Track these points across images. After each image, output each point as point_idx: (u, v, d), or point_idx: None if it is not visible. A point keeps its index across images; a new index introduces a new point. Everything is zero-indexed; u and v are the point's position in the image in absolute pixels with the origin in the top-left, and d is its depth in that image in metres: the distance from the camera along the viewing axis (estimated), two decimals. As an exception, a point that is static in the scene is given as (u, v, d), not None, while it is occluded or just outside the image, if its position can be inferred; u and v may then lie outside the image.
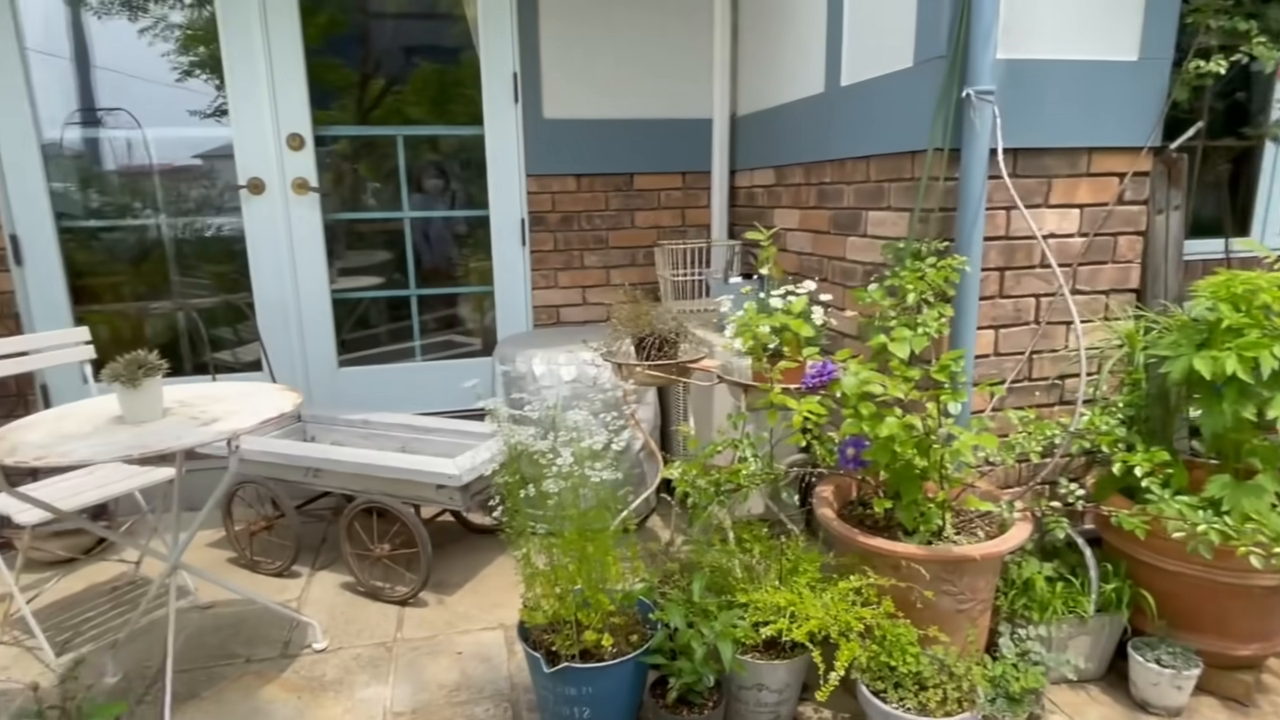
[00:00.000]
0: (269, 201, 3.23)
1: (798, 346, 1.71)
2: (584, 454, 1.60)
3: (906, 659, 1.63)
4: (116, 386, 1.79)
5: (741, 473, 1.90)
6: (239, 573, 2.78)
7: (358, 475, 2.54)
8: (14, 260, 3.08)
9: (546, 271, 3.47)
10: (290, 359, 3.38)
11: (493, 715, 1.98)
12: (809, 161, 2.64)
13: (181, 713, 2.03)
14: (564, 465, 1.57)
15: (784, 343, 1.69)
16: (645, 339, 2.37)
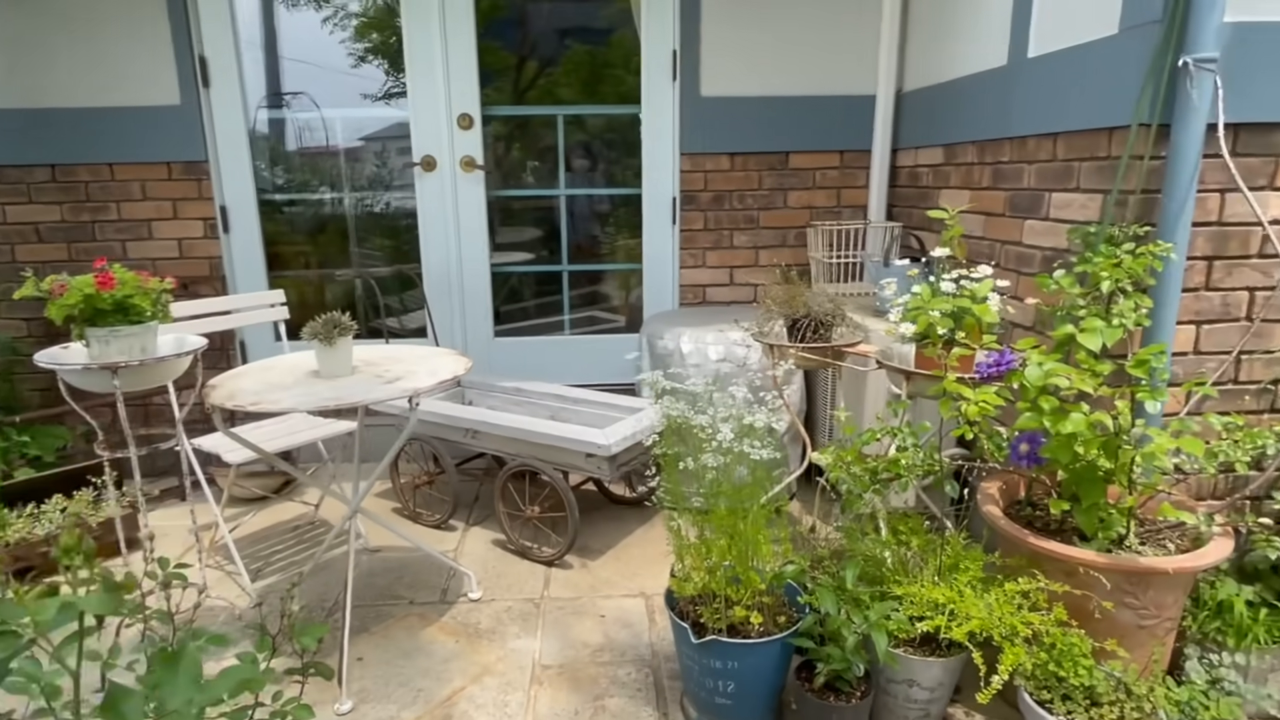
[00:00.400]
0: (439, 178, 3.40)
1: (978, 333, 1.61)
2: (745, 431, 1.58)
3: (1079, 671, 1.52)
4: (315, 344, 1.94)
5: (901, 462, 1.82)
6: (402, 522, 2.98)
7: (513, 439, 2.65)
8: (222, 229, 3.41)
9: (695, 250, 3.45)
10: (451, 327, 3.56)
11: (634, 679, 2.02)
12: (984, 139, 2.47)
13: (355, 643, 2.20)
14: (724, 441, 1.56)
15: (964, 328, 1.59)
16: (799, 320, 2.31)
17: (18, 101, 3.19)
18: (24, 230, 3.36)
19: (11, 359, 3.30)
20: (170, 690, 0.85)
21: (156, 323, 1.78)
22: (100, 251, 3.38)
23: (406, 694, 1.99)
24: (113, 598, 0.80)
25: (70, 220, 3.35)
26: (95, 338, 1.69)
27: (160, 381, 1.83)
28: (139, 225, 3.38)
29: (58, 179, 3.30)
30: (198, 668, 0.88)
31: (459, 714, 1.91)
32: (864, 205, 3.35)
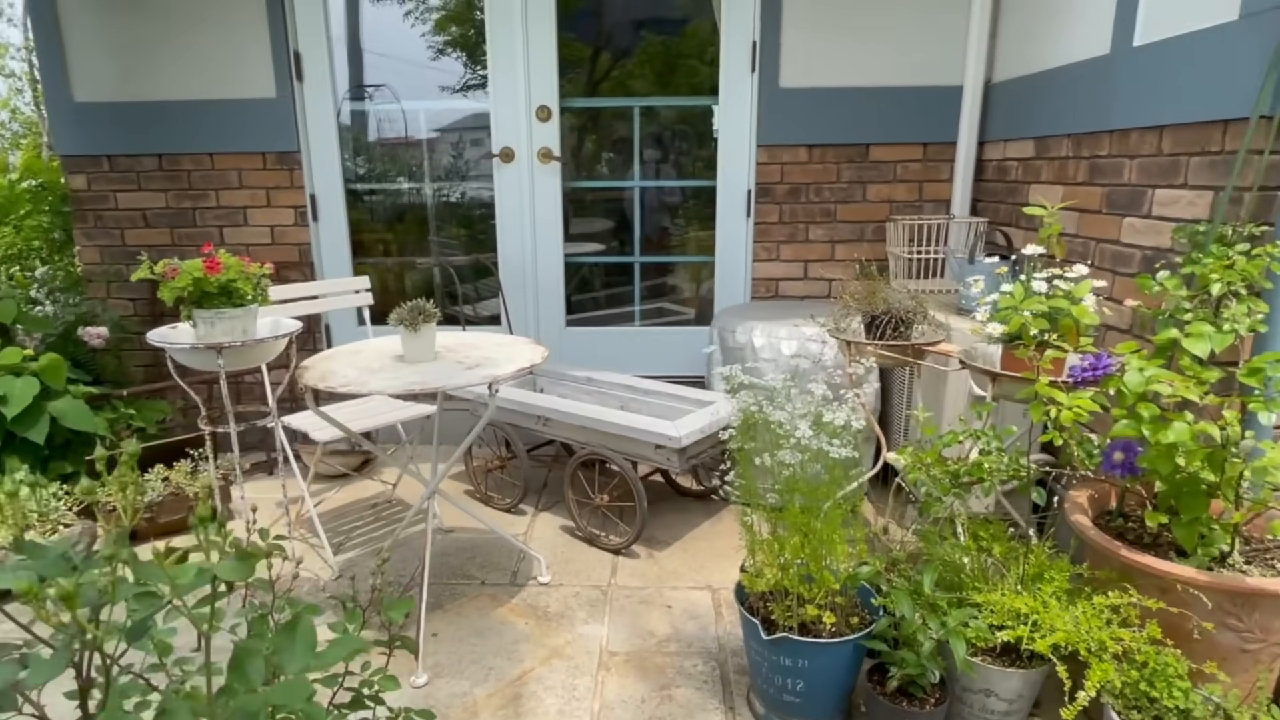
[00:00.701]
0: (517, 169, 3.44)
1: (1075, 335, 1.53)
2: (827, 429, 1.55)
3: (1173, 692, 1.43)
4: (400, 329, 1.99)
5: (984, 466, 1.75)
6: (474, 505, 3.04)
7: (584, 428, 2.66)
8: (312, 217, 3.54)
9: (769, 244, 3.40)
10: (524, 316, 3.61)
11: (701, 671, 2.01)
12: (1081, 132, 2.35)
13: (429, 620, 2.26)
14: (802, 438, 1.53)
15: (1060, 330, 1.52)
16: (878, 317, 2.25)
17: (130, 96, 3.37)
18: (133, 215, 3.55)
19: (120, 337, 3.50)
20: (288, 656, 0.90)
21: (256, 305, 1.85)
22: (200, 237, 3.55)
23: (479, 671, 2.03)
24: (245, 565, 0.85)
25: (174, 207, 3.53)
26: (201, 319, 1.77)
27: (258, 362, 1.91)
28: (235, 212, 3.53)
29: (164, 168, 3.48)
30: (313, 635, 0.93)
31: (529, 694, 1.94)
32: (947, 200, 3.23)
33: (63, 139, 3.47)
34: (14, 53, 6.00)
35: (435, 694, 1.94)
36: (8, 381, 2.59)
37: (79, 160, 3.48)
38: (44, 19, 3.32)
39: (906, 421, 2.80)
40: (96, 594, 0.82)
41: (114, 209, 3.54)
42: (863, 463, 2.78)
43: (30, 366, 2.68)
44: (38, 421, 2.63)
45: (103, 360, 3.35)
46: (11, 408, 2.54)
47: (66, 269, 3.99)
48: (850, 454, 1.60)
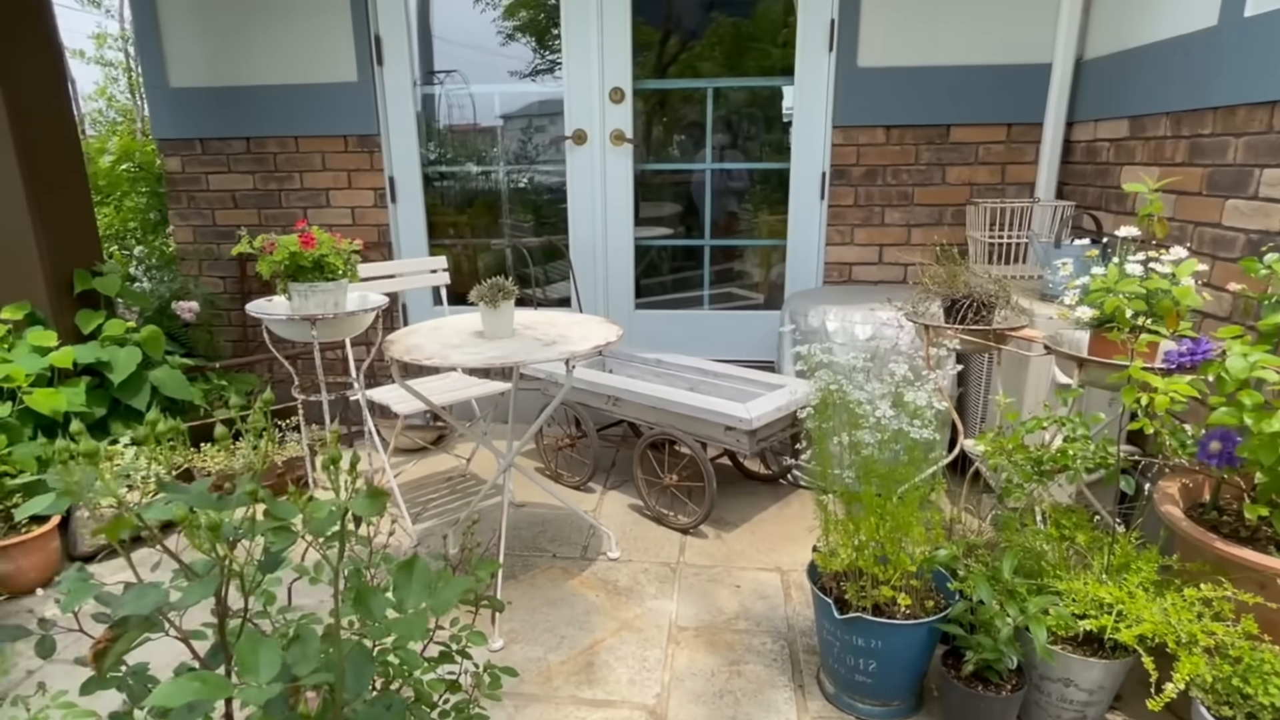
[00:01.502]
0: (589, 151, 3.49)
1: (1174, 318, 1.49)
2: (908, 409, 1.55)
3: (1269, 689, 1.40)
4: (480, 305, 2.06)
5: (1069, 453, 1.72)
6: (544, 482, 3.12)
7: (654, 408, 2.71)
8: (390, 199, 3.66)
9: (843, 227, 3.37)
10: (594, 298, 3.67)
11: (770, 649, 2.04)
12: (1181, 110, 2.26)
13: (504, 589, 2.35)
14: (882, 418, 1.54)
15: (1158, 311, 1.48)
16: (959, 301, 2.22)
17: (221, 81, 3.54)
18: (223, 197, 3.74)
19: (211, 312, 3.70)
20: (406, 593, 0.96)
21: (347, 280, 1.95)
22: (285, 218, 3.72)
23: (551, 639, 2.10)
24: (375, 502, 0.91)
25: (260, 188, 3.70)
26: (296, 292, 1.88)
27: (348, 334, 2.01)
28: (318, 194, 3.68)
29: (251, 150, 3.65)
30: (429, 575, 0.99)
31: (600, 663, 2.00)
32: (1031, 183, 3.15)
33: (159, 123, 3.67)
34: (111, 42, 6.34)
35: (510, 658, 2.02)
36: (113, 350, 2.78)
37: (174, 143, 3.68)
38: (143, 8, 3.51)
39: (985, 408, 2.76)
40: (235, 529, 0.90)
41: (205, 190, 3.74)
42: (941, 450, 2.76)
43: (133, 338, 2.86)
44: (140, 389, 2.81)
45: (194, 334, 3.56)
46: (117, 374, 2.73)
47: (161, 248, 4.24)
48: (931, 435, 1.60)
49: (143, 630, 0.94)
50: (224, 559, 0.88)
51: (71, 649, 1.74)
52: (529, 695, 1.88)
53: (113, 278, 2.96)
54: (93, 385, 2.76)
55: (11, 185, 2.70)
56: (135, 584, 0.94)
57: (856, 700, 1.78)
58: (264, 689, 0.82)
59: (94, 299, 2.98)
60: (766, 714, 1.81)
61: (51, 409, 2.43)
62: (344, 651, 0.90)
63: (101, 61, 6.52)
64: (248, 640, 0.83)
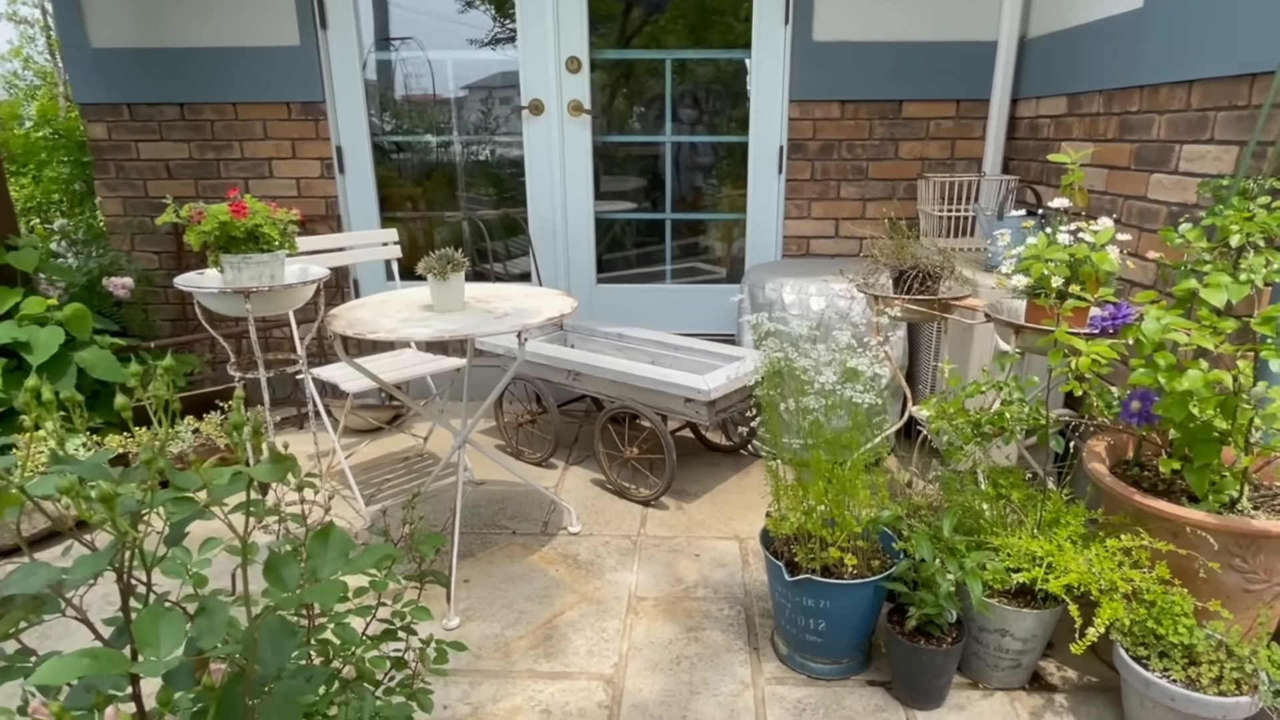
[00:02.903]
0: (546, 122, 3.56)
1: (1095, 283, 1.66)
2: (848, 374, 1.69)
3: (1178, 629, 1.59)
4: (429, 278, 2.15)
5: (1006, 416, 1.89)
6: (505, 459, 3.22)
7: (614, 382, 2.83)
8: (338, 169, 3.69)
9: (800, 201, 3.52)
10: (555, 272, 3.76)
11: (728, 615, 2.19)
12: (1112, 88, 2.44)
13: (461, 567, 2.45)
14: (826, 384, 1.68)
15: (1081, 277, 1.64)
16: (906, 272, 2.38)
17: (149, 42, 3.50)
18: (155, 166, 3.72)
19: (146, 289, 3.69)
20: (321, 560, 0.99)
21: (284, 252, 2.01)
22: (224, 189, 3.71)
23: (510, 614, 2.22)
24: (279, 468, 0.91)
25: (197, 158, 3.69)
26: (229, 264, 1.93)
27: (286, 308, 2.07)
28: (260, 164, 3.69)
29: (186, 117, 3.63)
30: (346, 543, 1.02)
31: (559, 635, 2.13)
32: (979, 158, 3.32)
33: (80, 86, 3.62)
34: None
35: (467, 635, 2.13)
36: (32, 331, 2.77)
37: (98, 109, 3.63)
38: (61, -38, 3.45)
39: (934, 376, 2.94)
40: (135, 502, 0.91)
41: (135, 159, 3.71)
42: (890, 416, 2.93)
43: (55, 316, 2.86)
44: (65, 372, 2.81)
45: (129, 313, 3.55)
46: (37, 356, 2.72)
47: (88, 222, 4.18)
48: (872, 400, 1.75)
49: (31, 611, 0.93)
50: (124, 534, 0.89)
51: None
52: (485, 671, 2.00)
53: (29, 252, 2.94)
54: (10, 368, 2.76)
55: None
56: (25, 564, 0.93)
57: (808, 660, 1.94)
58: (162, 663, 0.81)
59: (9, 275, 2.96)
60: (722, 677, 1.95)
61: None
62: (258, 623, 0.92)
63: (15, 19, 6.32)
64: (148, 614, 0.85)
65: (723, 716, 1.82)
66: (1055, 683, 1.89)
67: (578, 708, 1.86)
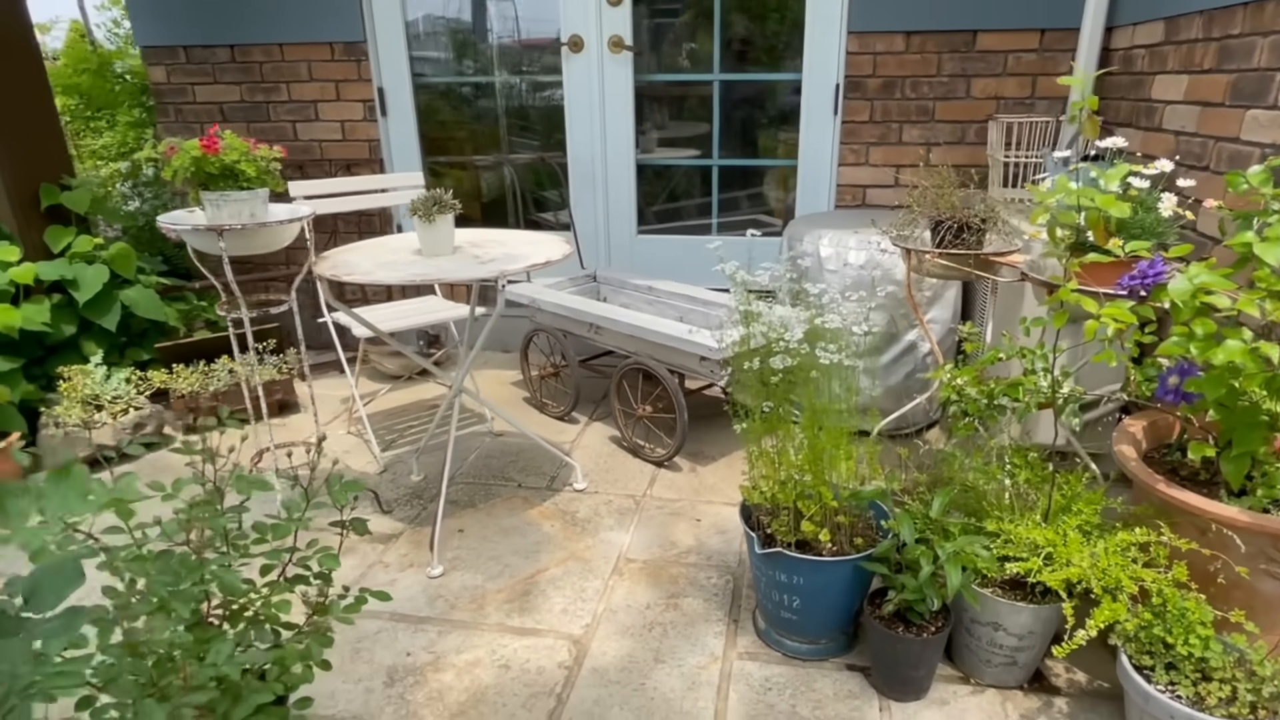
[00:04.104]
0: (586, 60, 3.47)
1: (1104, 233, 1.45)
2: (818, 333, 1.56)
3: (1191, 640, 1.40)
4: (415, 221, 2.13)
5: (1021, 387, 1.71)
6: (529, 411, 3.23)
7: (629, 336, 2.76)
8: (380, 111, 3.73)
9: (857, 146, 3.30)
10: (595, 221, 3.70)
11: (714, 584, 2.12)
12: (1214, 7, 2.12)
13: (460, 516, 2.48)
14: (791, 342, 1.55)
15: (1088, 223, 1.44)
16: (942, 223, 2.19)
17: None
18: (210, 110, 3.87)
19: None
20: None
21: (266, 190, 2.03)
22: (273, 132, 3.83)
23: (495, 567, 2.22)
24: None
25: (248, 100, 3.81)
26: (209, 201, 1.97)
27: (266, 248, 2.10)
28: (306, 106, 3.77)
29: (236, 59, 3.75)
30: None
31: (538, 592, 2.11)
32: (1064, 98, 3.00)
33: (141, 29, 3.79)
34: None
35: (448, 584, 2.15)
36: (80, 268, 2.96)
37: (157, 51, 3.80)
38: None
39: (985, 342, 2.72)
40: None
41: (192, 102, 3.87)
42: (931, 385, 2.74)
43: (101, 255, 3.04)
44: (109, 309, 3.00)
45: (185, 254, 3.74)
46: (83, 293, 2.91)
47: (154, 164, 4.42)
48: (851, 363, 1.61)
49: None
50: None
51: None
52: (456, 622, 2.01)
53: (82, 193, 3.12)
54: (61, 304, 2.96)
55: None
56: None
57: (784, 637, 1.85)
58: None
59: (65, 215, 3.16)
60: (692, 647, 1.89)
61: (5, 325, 2.62)
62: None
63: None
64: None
65: (681, 689, 1.76)
66: (1059, 685, 1.73)
67: (537, 665, 1.85)
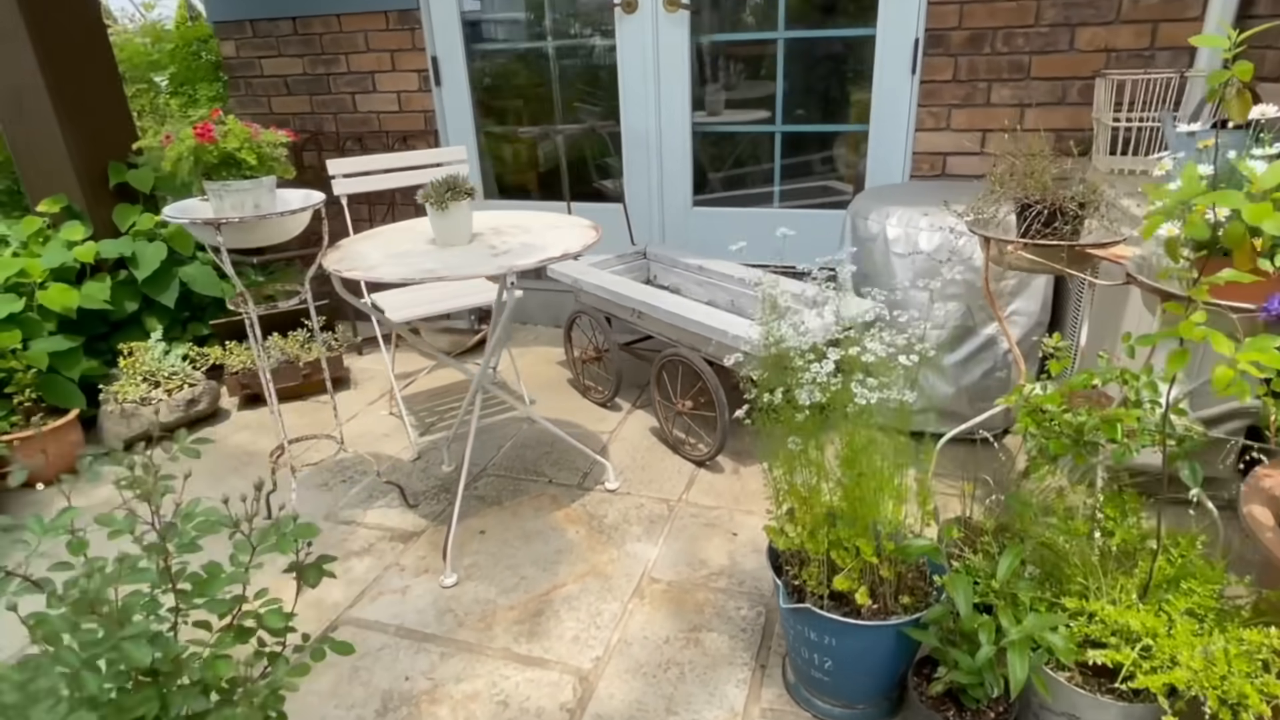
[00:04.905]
0: (640, 20, 3.07)
1: (1249, 252, 1.01)
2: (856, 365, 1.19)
3: (1343, 789, 1.00)
4: (428, 209, 1.84)
5: (1121, 423, 1.29)
6: (571, 396, 2.95)
7: (671, 325, 2.42)
8: (434, 81, 3.45)
9: (937, 109, 2.79)
10: (648, 192, 3.33)
11: (744, 617, 1.80)
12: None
13: (484, 514, 2.24)
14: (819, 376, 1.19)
15: (1228, 239, 1.00)
16: (1030, 207, 1.74)
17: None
18: (276, 83, 3.68)
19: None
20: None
21: (272, 178, 1.77)
22: (335, 104, 3.62)
23: (510, 579, 1.97)
24: None
25: (310, 72, 3.60)
26: (211, 191, 1.73)
27: (274, 239, 1.85)
28: (364, 78, 3.53)
29: (298, 31, 3.53)
30: None
31: (551, 612, 1.85)
32: (1194, 51, 2.42)
33: (213, 4, 3.62)
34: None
35: (460, 596, 1.91)
36: (141, 245, 2.83)
37: (226, 26, 3.63)
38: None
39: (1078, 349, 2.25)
40: None
41: (260, 76, 3.69)
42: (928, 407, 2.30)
43: (161, 233, 2.90)
44: (168, 285, 2.87)
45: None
46: (142, 270, 2.78)
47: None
48: (896, 396, 1.23)
49: None
50: None
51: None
52: (461, 643, 1.77)
53: (145, 171, 2.98)
54: (125, 281, 2.84)
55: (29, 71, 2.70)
56: None
57: (815, 696, 1.52)
58: None
59: (132, 194, 3.03)
60: (709, 697, 1.59)
61: (63, 306, 2.51)
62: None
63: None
64: None
65: (690, 753, 1.47)
66: (1152, 795, 1.34)
67: (537, 706, 1.59)
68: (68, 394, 2.57)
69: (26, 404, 2.47)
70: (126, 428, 2.66)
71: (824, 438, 1.33)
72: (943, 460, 2.16)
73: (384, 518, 2.26)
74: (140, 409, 2.67)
